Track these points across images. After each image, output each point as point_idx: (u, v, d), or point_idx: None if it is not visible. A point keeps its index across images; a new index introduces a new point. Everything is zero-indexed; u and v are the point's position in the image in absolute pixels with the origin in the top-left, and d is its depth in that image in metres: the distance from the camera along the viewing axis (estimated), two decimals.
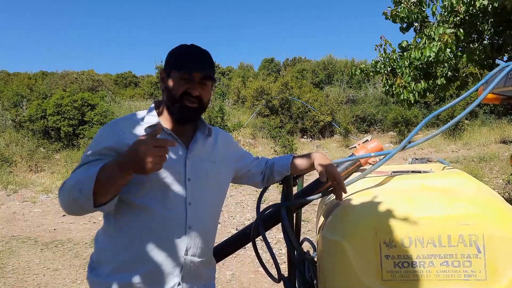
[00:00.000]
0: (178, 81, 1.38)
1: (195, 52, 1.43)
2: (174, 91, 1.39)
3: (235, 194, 8.20)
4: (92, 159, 1.32)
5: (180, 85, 1.38)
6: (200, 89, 1.40)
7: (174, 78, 1.39)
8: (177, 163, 1.40)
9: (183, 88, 1.38)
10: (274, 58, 34.71)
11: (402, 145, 1.74)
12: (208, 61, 1.44)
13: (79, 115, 13.87)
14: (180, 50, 1.44)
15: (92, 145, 1.37)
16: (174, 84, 1.39)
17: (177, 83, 1.39)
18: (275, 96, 18.43)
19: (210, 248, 1.51)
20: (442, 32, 4.04)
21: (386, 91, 5.10)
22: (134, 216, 1.35)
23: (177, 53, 1.43)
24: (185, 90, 1.38)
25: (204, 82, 1.41)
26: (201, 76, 1.40)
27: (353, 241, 1.47)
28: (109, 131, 1.38)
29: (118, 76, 32.02)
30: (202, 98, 1.41)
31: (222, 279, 4.18)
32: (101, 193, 1.19)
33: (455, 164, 10.48)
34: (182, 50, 1.43)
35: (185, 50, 1.43)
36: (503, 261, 1.37)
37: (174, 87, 1.39)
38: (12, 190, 8.56)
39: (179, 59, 1.41)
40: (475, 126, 18.13)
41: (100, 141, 1.36)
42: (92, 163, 1.30)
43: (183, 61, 1.40)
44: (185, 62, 1.39)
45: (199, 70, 1.39)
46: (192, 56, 1.41)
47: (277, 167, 1.67)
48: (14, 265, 4.64)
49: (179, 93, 1.38)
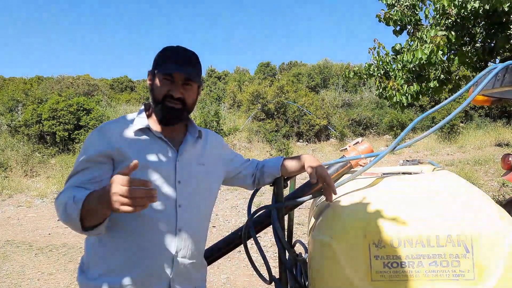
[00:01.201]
0: (161, 82, 1.39)
1: (178, 54, 1.42)
2: (157, 92, 1.40)
3: (230, 198, 8.20)
4: (84, 167, 1.33)
5: (163, 86, 1.39)
6: (183, 90, 1.40)
7: (158, 79, 1.40)
8: (167, 166, 1.40)
9: (165, 90, 1.39)
10: (270, 62, 34.84)
11: (392, 147, 1.75)
12: (192, 62, 1.43)
13: (74, 120, 13.84)
14: (164, 52, 1.44)
15: (83, 151, 1.37)
16: (157, 85, 1.40)
17: (160, 85, 1.39)
18: (271, 100, 18.47)
19: (200, 250, 1.52)
20: (433, 35, 4.08)
21: (379, 93, 5.13)
22: (124, 218, 1.35)
23: (161, 54, 1.43)
24: (167, 92, 1.39)
25: (187, 83, 1.41)
26: (184, 77, 1.40)
27: (342, 242, 1.48)
28: (99, 136, 1.38)
29: (114, 81, 32.01)
30: (185, 99, 1.41)
31: (216, 283, 4.17)
32: (87, 219, 1.20)
33: (450, 167, 10.52)
34: (166, 52, 1.43)
35: (169, 51, 1.43)
36: (491, 260, 1.38)
37: (157, 88, 1.40)
38: (7, 195, 8.52)
39: (162, 60, 1.41)
40: (470, 129, 18.25)
41: (90, 146, 1.37)
42: (84, 172, 1.32)
43: (165, 62, 1.40)
44: (167, 63, 1.39)
45: (181, 71, 1.38)
46: (175, 58, 1.40)
47: (267, 169, 1.68)
48: (8, 269, 4.62)
49: (162, 94, 1.39)
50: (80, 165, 1.34)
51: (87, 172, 1.32)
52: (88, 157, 1.34)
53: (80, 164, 1.34)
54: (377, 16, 5.16)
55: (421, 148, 15.63)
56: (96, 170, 1.33)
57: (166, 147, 1.42)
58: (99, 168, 1.34)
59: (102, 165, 1.34)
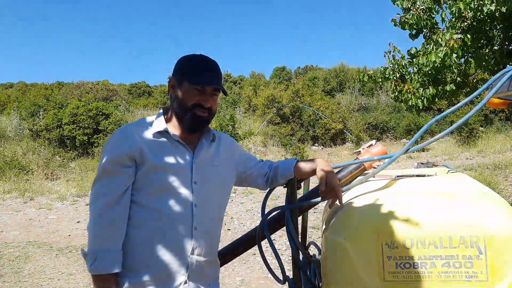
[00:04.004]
0: (190, 93, 1.46)
1: (207, 66, 1.50)
2: (186, 102, 1.47)
3: (246, 201, 8.24)
4: (111, 169, 1.40)
5: (192, 96, 1.46)
6: (211, 100, 1.49)
7: (186, 89, 1.47)
8: (184, 167, 1.46)
9: (195, 100, 1.46)
10: (285, 67, 34.80)
11: (405, 149, 1.76)
12: (218, 73, 1.53)
13: (93, 124, 14.11)
14: (191, 62, 1.51)
15: (108, 152, 1.43)
16: (186, 95, 1.47)
17: (189, 95, 1.46)
18: (286, 104, 18.47)
19: (214, 248, 1.57)
20: (449, 38, 4.05)
21: (395, 97, 5.11)
22: (143, 217, 1.41)
23: (189, 64, 1.50)
24: (197, 102, 1.46)
25: (215, 93, 1.50)
26: (213, 88, 1.48)
27: (355, 242, 1.50)
28: (123, 137, 1.45)
29: (132, 86, 32.45)
30: (212, 108, 1.50)
31: (231, 285, 4.20)
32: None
33: (469, 172, 10.35)
34: (194, 63, 1.50)
35: (196, 62, 1.50)
36: (504, 262, 1.39)
37: (186, 98, 1.47)
38: (29, 197, 8.74)
39: (191, 71, 1.48)
40: (490, 133, 17.89)
41: (115, 147, 1.43)
42: (112, 177, 1.40)
43: (196, 74, 1.47)
44: (198, 76, 1.46)
45: (215, 85, 1.47)
46: (205, 70, 1.48)
47: (281, 170, 1.72)
48: (30, 269, 4.75)
49: (191, 104, 1.46)
50: (106, 167, 1.40)
51: (115, 177, 1.39)
52: (114, 158, 1.40)
53: (106, 165, 1.40)
54: (393, 20, 5.15)
55: (440, 153, 15.41)
56: (122, 175, 1.40)
57: (183, 150, 1.48)
58: (124, 173, 1.40)
59: (127, 170, 1.41)
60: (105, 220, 1.36)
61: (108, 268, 1.35)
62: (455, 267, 1.42)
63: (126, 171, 1.40)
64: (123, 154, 1.40)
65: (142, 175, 1.42)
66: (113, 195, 1.38)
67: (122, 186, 1.40)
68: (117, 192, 1.38)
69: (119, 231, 1.39)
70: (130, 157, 1.40)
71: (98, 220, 1.37)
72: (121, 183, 1.40)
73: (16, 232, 6.36)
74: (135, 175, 1.42)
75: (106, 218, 1.37)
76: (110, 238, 1.37)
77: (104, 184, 1.39)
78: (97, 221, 1.37)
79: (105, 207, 1.37)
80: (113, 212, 1.37)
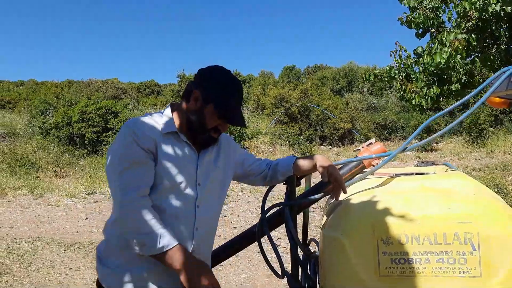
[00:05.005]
0: (213, 117, 1.47)
1: (237, 97, 1.51)
2: (206, 123, 1.48)
3: (252, 200, 8.28)
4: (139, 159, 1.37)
5: (214, 121, 1.48)
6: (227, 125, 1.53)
7: (210, 113, 1.47)
8: (190, 168, 1.49)
9: (215, 124, 1.49)
10: (295, 66, 34.81)
11: (402, 147, 1.79)
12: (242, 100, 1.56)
13: (103, 122, 14.24)
14: (221, 87, 1.48)
15: (125, 146, 1.40)
16: (208, 117, 1.47)
17: (212, 118, 1.47)
18: (295, 103, 18.46)
19: (210, 245, 1.62)
20: (453, 38, 4.04)
21: (400, 96, 5.11)
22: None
23: (219, 88, 1.48)
24: (217, 127, 1.50)
25: None
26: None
27: (351, 238, 1.53)
28: (144, 130, 1.42)
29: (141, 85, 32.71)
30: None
31: (236, 282, 4.25)
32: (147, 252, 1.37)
33: (477, 172, 10.27)
34: (225, 89, 1.48)
35: (227, 89, 1.49)
36: (497, 258, 1.41)
37: (208, 120, 1.48)
38: (38, 194, 8.87)
39: (220, 100, 1.47)
40: (500, 133, 17.71)
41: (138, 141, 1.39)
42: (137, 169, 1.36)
43: (224, 105, 1.47)
44: (226, 108, 1.47)
45: (240, 125, 1.50)
46: (234, 103, 1.49)
47: (280, 168, 1.75)
48: (39, 264, 4.84)
49: (211, 126, 1.49)
50: (135, 157, 1.37)
51: (141, 169, 1.37)
52: (135, 151, 1.37)
53: (134, 154, 1.37)
54: (399, 19, 5.15)
55: (448, 153, 15.31)
56: (149, 168, 1.39)
57: (190, 151, 1.50)
58: (150, 166, 1.39)
59: (151, 162, 1.40)
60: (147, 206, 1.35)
61: (175, 240, 1.34)
62: (449, 263, 1.44)
63: (152, 164, 1.40)
64: (146, 148, 1.39)
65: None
66: (147, 185, 1.37)
67: (152, 177, 1.40)
68: (150, 182, 1.38)
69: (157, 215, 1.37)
70: (151, 151, 1.40)
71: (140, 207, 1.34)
72: (151, 174, 1.39)
73: (25, 228, 6.48)
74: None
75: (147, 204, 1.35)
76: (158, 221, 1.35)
77: (135, 174, 1.36)
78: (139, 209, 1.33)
79: (142, 194, 1.35)
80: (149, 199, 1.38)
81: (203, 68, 1.55)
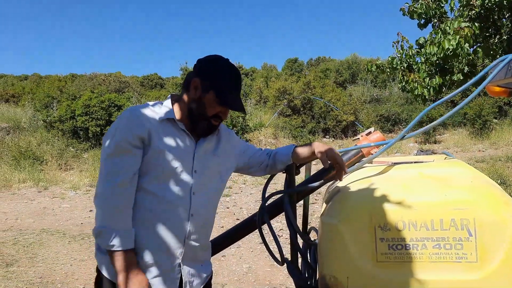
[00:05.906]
0: (213, 104, 1.50)
1: (236, 83, 1.54)
2: (207, 111, 1.51)
3: (255, 192, 8.31)
4: (125, 148, 1.40)
5: (214, 108, 1.51)
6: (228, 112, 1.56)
7: (210, 100, 1.50)
8: (186, 156, 1.51)
9: (215, 111, 1.51)
10: (297, 58, 34.59)
11: (401, 135, 1.80)
12: (240, 87, 1.58)
13: (106, 116, 14.27)
14: (221, 74, 1.52)
15: (118, 131, 1.43)
16: (208, 104, 1.50)
17: (212, 105, 1.50)
18: (297, 96, 18.41)
19: (208, 234, 1.64)
20: (457, 26, 4.02)
21: (402, 87, 5.11)
22: (143, 201, 1.46)
23: (219, 75, 1.51)
24: (217, 114, 1.52)
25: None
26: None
27: (349, 225, 1.55)
28: (134, 118, 1.45)
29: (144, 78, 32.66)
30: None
31: (239, 272, 4.29)
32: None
33: (480, 164, 10.25)
34: (224, 76, 1.52)
35: (227, 76, 1.52)
36: (493, 244, 1.42)
37: (208, 108, 1.50)
38: (43, 187, 8.94)
39: (220, 86, 1.50)
40: (505, 125, 17.61)
41: (128, 128, 1.43)
42: (123, 156, 1.40)
43: (224, 91, 1.50)
44: (226, 94, 1.50)
45: (239, 110, 1.52)
46: (233, 88, 1.53)
47: (279, 156, 1.77)
48: (44, 255, 4.90)
49: (212, 113, 1.51)
50: (121, 144, 1.40)
51: (129, 157, 1.40)
52: (127, 138, 1.41)
53: (120, 142, 1.40)
54: (401, 10, 5.12)
55: (452, 145, 15.26)
56: (135, 156, 1.42)
57: (188, 138, 1.53)
58: (137, 154, 1.42)
59: (139, 151, 1.43)
60: (119, 199, 1.38)
61: (128, 244, 1.38)
62: (446, 248, 1.46)
63: (138, 153, 1.42)
64: (136, 135, 1.41)
65: (147, 160, 1.44)
66: (126, 176, 1.39)
67: (135, 166, 1.42)
68: (130, 172, 1.40)
69: (130, 211, 1.42)
70: (141, 139, 1.42)
71: (112, 199, 1.38)
72: (134, 164, 1.42)
73: (30, 220, 6.54)
74: (141, 161, 1.45)
75: (120, 197, 1.38)
76: (125, 217, 1.40)
77: (117, 162, 1.39)
78: (111, 200, 1.38)
79: (118, 186, 1.38)
80: (126, 192, 1.40)
81: (201, 57, 1.58)
